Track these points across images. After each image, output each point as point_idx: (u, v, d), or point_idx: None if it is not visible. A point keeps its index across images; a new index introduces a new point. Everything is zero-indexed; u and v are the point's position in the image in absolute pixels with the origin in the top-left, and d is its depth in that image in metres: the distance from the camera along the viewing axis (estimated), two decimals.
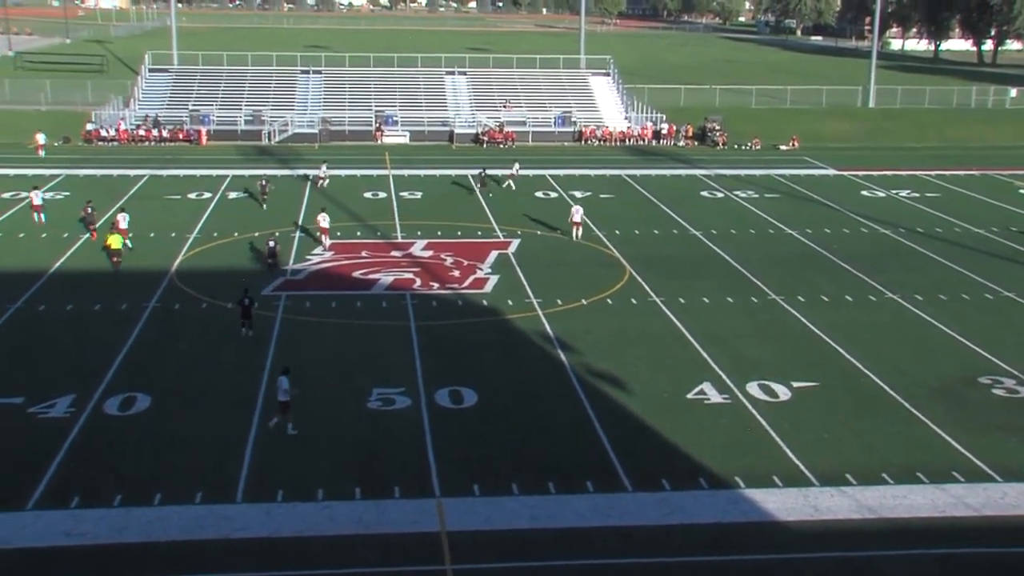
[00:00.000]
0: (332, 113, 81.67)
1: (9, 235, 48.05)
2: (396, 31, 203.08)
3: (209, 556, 21.89)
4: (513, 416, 29.27)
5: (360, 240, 48.68)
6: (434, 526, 23.29)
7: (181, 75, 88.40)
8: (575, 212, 50.60)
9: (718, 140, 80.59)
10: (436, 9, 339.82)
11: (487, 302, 39.84)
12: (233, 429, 28.01)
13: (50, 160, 67.17)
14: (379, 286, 41.37)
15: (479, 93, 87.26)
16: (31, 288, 39.95)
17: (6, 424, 28.05)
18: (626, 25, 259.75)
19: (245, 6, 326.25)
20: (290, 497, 24.37)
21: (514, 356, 34.16)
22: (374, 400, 30.07)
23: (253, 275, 42.19)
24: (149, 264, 43.52)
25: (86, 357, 33.01)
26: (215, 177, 63.03)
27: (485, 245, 48.33)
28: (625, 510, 24.20)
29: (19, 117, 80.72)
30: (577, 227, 49.97)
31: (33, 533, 22.58)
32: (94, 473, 25.44)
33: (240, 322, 35.63)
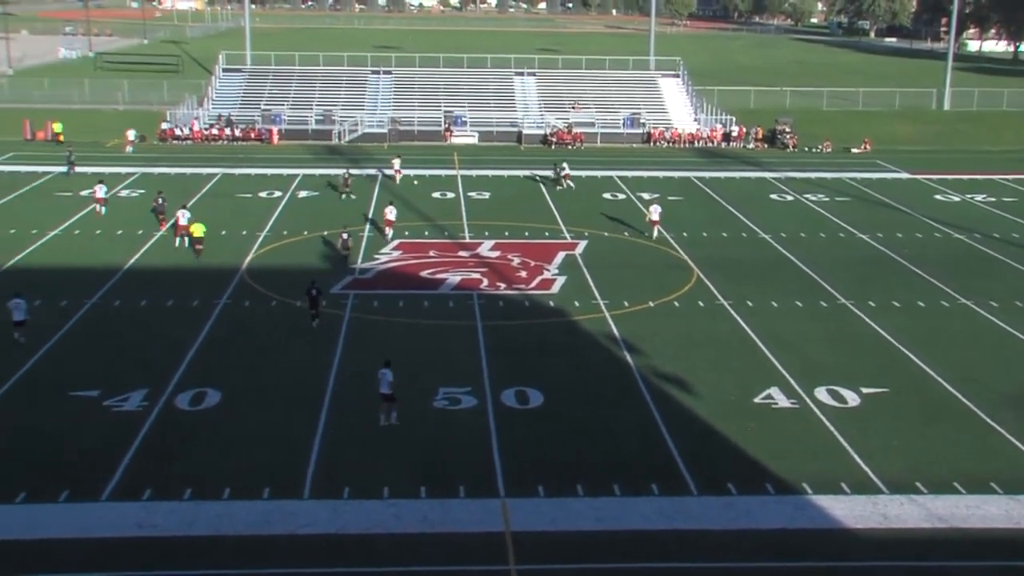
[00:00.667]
0: (401, 113, 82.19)
1: (86, 232, 49.00)
2: (466, 32, 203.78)
3: (276, 551, 22.15)
4: (579, 417, 29.24)
5: (428, 240, 48.94)
6: (499, 526, 23.35)
7: (254, 75, 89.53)
8: (653, 210, 50.72)
9: (788, 142, 79.77)
10: (506, 10, 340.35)
11: (554, 303, 39.84)
12: (301, 426, 28.32)
13: (126, 158, 68.38)
14: (446, 286, 41.56)
15: (548, 94, 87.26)
16: (107, 284, 40.71)
17: (83, 417, 28.63)
18: (696, 26, 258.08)
19: (317, 7, 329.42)
20: (356, 494, 24.57)
21: (580, 357, 34.13)
22: (440, 399, 30.22)
23: (322, 273, 42.56)
24: (220, 261, 44.14)
25: (159, 352, 33.57)
26: (286, 176, 63.74)
27: (552, 246, 48.33)
28: (691, 514, 24.07)
29: (98, 116, 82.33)
30: (655, 225, 50.11)
31: (107, 524, 23.02)
32: (165, 467, 25.87)
33: (309, 313, 36.36)
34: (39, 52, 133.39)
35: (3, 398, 29.79)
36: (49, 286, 39.78)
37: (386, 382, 28.57)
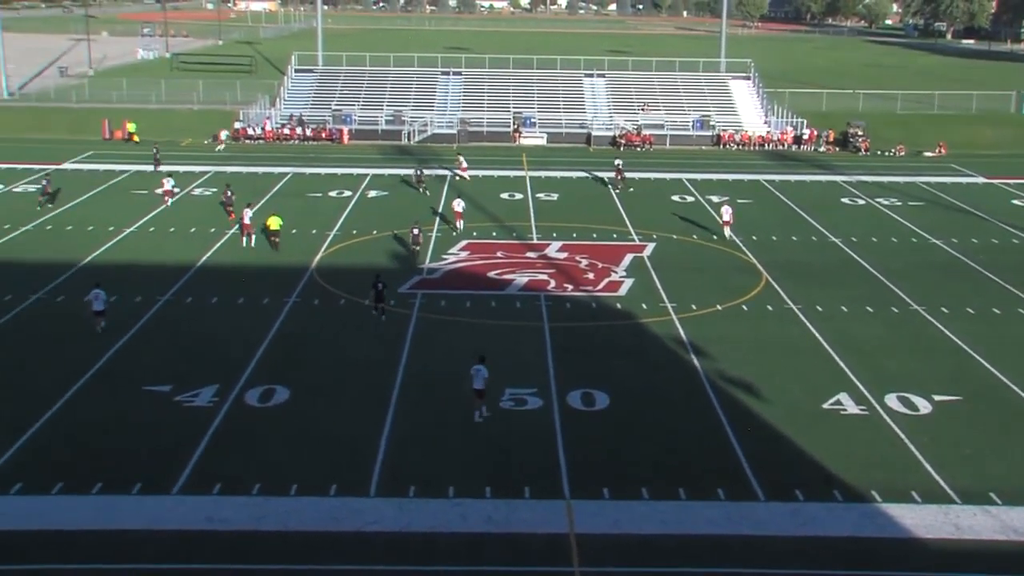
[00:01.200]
0: (471, 114, 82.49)
1: (160, 229, 49.82)
2: (536, 33, 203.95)
3: (343, 548, 22.35)
4: (645, 420, 29.14)
5: (496, 240, 49.06)
6: (563, 527, 23.34)
7: (325, 75, 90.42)
8: (725, 211, 50.63)
9: (860, 146, 78.71)
10: (576, 12, 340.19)
11: (621, 305, 39.73)
12: (367, 424, 28.54)
13: (199, 157, 69.43)
14: (514, 287, 41.63)
15: (617, 95, 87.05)
16: (179, 281, 41.38)
17: (155, 411, 29.12)
18: (768, 28, 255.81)
19: (388, 8, 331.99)
20: (422, 493, 24.71)
21: (647, 360, 34.00)
22: (506, 400, 30.27)
23: (390, 273, 42.86)
24: (290, 260, 44.63)
25: (229, 349, 34.03)
26: (356, 176, 64.28)
27: (620, 248, 48.19)
28: (757, 519, 23.86)
29: (173, 116, 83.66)
30: (727, 226, 50.14)
31: (178, 517, 23.40)
32: (234, 462, 26.22)
33: (373, 306, 37.04)
34: (118, 53, 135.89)
35: (79, 392, 30.40)
36: (124, 282, 40.51)
37: (481, 378, 29.06)
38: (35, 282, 40.40)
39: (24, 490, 24.45)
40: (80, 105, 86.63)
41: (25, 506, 23.76)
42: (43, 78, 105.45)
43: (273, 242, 46.64)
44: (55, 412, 28.89)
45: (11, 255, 44.94)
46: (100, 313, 35.54)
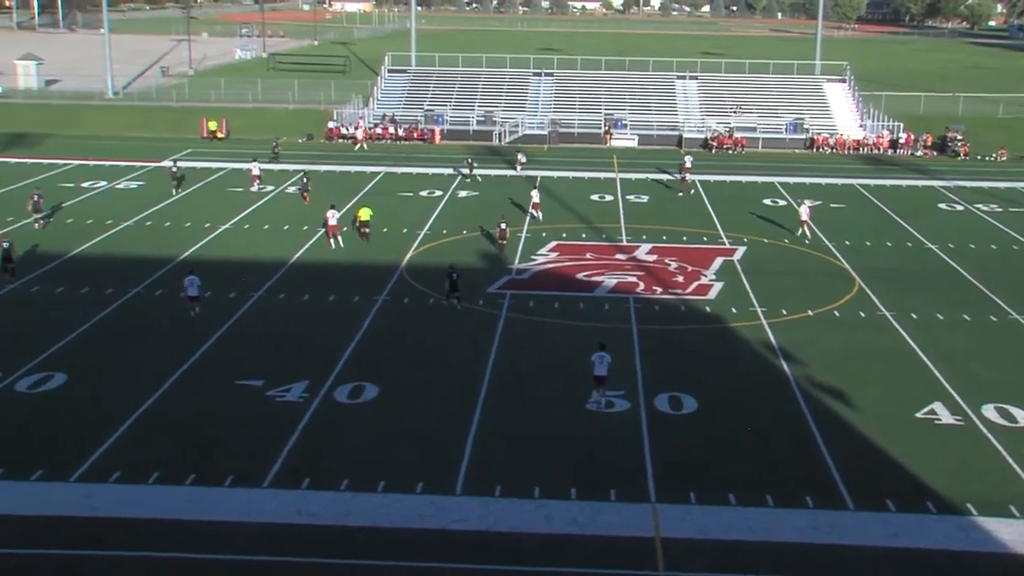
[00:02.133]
0: (562, 115, 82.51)
1: (255, 227, 50.71)
2: (628, 35, 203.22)
3: (429, 545, 22.50)
4: (733, 425, 28.88)
5: (585, 242, 49.03)
6: (648, 531, 23.24)
7: (418, 76, 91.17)
8: (804, 209, 50.27)
9: (959, 150, 77.03)
10: (669, 13, 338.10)
11: (710, 309, 39.43)
12: (455, 422, 28.72)
13: (293, 156, 70.45)
14: (602, 288, 41.56)
15: (709, 98, 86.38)
16: (273, 277, 42.08)
17: (247, 405, 29.66)
18: (865, 30, 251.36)
19: (481, 9, 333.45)
20: (507, 493, 24.78)
21: (736, 365, 33.70)
22: (592, 402, 30.19)
23: (480, 272, 43.16)
24: (381, 258, 45.10)
25: (320, 346, 34.51)
26: (447, 176, 64.71)
27: (710, 251, 47.83)
28: (846, 529, 23.49)
29: (268, 115, 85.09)
30: (804, 224, 49.85)
31: (268, 510, 23.79)
32: (323, 457, 26.58)
33: (447, 296, 38.15)
34: (217, 53, 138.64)
35: (175, 384, 31.09)
36: (218, 278, 41.33)
37: (605, 364, 29.68)
38: (134, 276, 41.41)
39: (121, 479, 25.07)
40: (180, 104, 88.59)
41: (122, 494, 24.36)
42: (145, 78, 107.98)
43: (363, 233, 47.75)
44: (151, 404, 29.58)
45: (113, 250, 46.12)
46: (194, 299, 36.97)
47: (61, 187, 59.23)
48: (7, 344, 33.92)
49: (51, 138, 76.41)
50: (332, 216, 47.32)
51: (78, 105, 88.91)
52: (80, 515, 23.38)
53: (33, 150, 71.51)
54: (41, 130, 78.64)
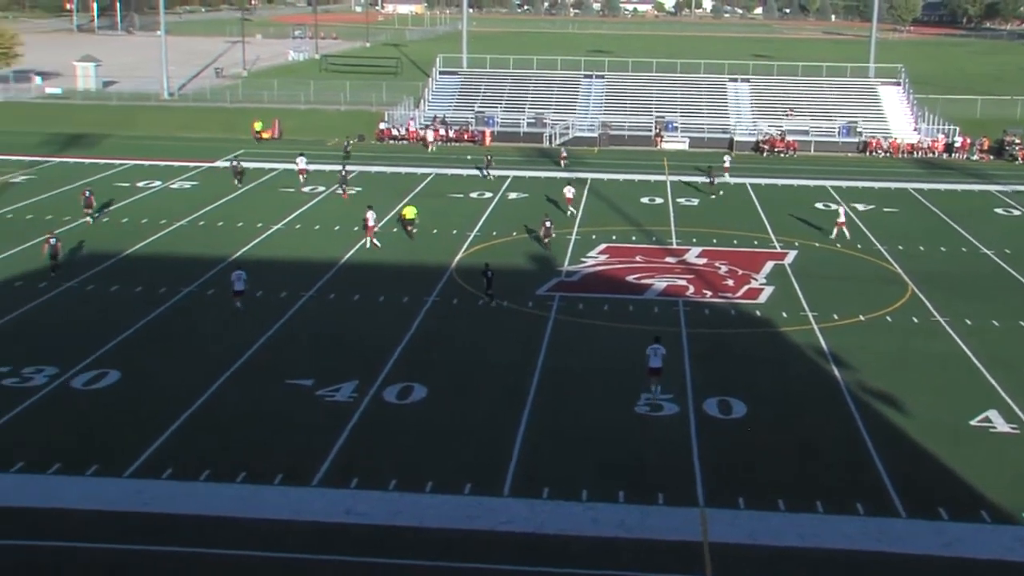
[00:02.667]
0: (613, 117, 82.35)
1: (306, 227, 51.09)
2: (680, 37, 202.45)
3: (476, 546, 22.55)
4: (783, 430, 28.67)
5: (635, 245, 48.90)
6: (696, 536, 23.13)
7: (469, 77, 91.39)
8: (841, 211, 50.88)
9: (1017, 154, 75.86)
10: (721, 15, 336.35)
11: (760, 313, 39.17)
12: (503, 424, 28.76)
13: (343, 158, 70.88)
14: (652, 291, 41.43)
15: (761, 101, 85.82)
16: (323, 277, 42.37)
17: (297, 404, 29.89)
18: (920, 32, 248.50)
19: (533, 11, 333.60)
20: (555, 495, 24.77)
21: (786, 369, 33.45)
22: (642, 405, 30.14)
23: (529, 274, 43.19)
24: (431, 259, 45.26)
25: (370, 346, 34.69)
26: (497, 177, 64.79)
27: (761, 255, 47.52)
28: (898, 537, 23.22)
29: (320, 116, 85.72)
30: (840, 227, 49.99)
31: (317, 509, 23.96)
32: (372, 457, 26.72)
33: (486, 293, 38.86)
34: (270, 55, 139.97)
35: (226, 383, 31.40)
36: (270, 278, 41.71)
37: (659, 356, 30.23)
38: (187, 276, 41.87)
39: (173, 475, 25.37)
40: (234, 105, 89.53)
41: (173, 491, 24.65)
42: (200, 79, 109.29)
43: (409, 231, 48.52)
44: (203, 402, 29.91)
45: (166, 249, 46.67)
46: (239, 293, 37.98)
47: (117, 187, 60.04)
48: (64, 341, 34.44)
49: (108, 138, 77.50)
50: (371, 217, 47.78)
51: (134, 106, 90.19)
52: (133, 510, 23.70)
53: (91, 150, 72.56)
54: (98, 130, 79.79)
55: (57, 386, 30.82)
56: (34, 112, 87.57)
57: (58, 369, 31.95)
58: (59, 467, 25.67)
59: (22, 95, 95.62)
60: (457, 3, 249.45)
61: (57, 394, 30.32)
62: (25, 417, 28.70)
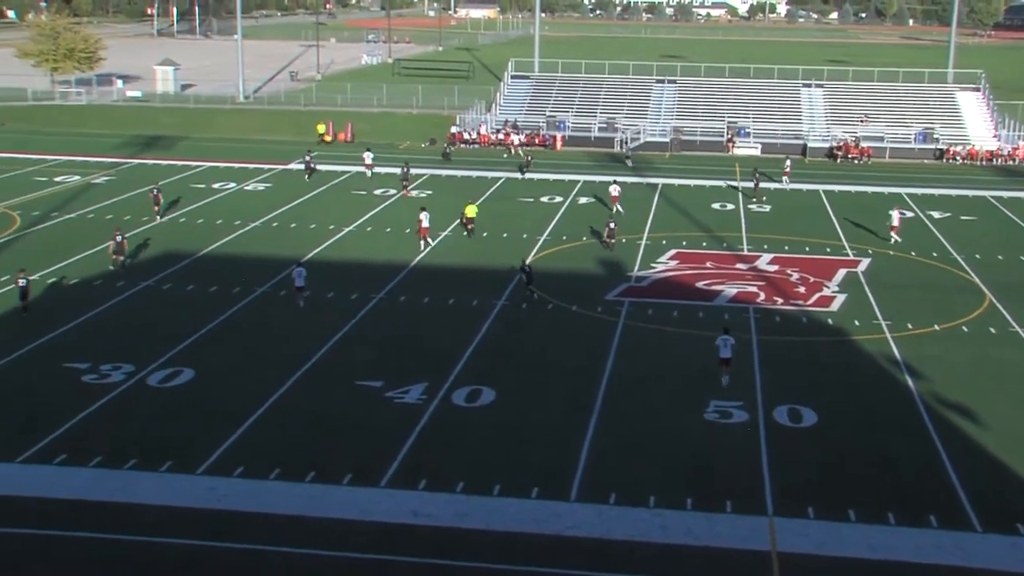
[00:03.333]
0: (684, 123, 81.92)
1: (377, 229, 51.52)
2: (753, 42, 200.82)
3: (542, 551, 22.54)
4: (854, 440, 28.30)
5: (705, 251, 48.60)
6: (764, 545, 22.92)
7: (540, 82, 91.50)
8: (895, 215, 50.61)
9: None
10: (795, 20, 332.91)
11: (832, 321, 38.71)
12: (571, 428, 28.74)
13: (416, 160, 71.32)
14: (722, 298, 41.14)
15: (836, 107, 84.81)
16: (394, 279, 42.68)
17: (366, 405, 30.15)
18: (1003, 37, 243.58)
19: (605, 16, 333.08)
20: (622, 501, 24.70)
21: (858, 378, 33.02)
22: (711, 412, 29.95)
23: (596, 279, 43.15)
24: (500, 263, 45.36)
25: (439, 348, 34.87)
26: (567, 182, 64.81)
27: (833, 262, 46.96)
28: (973, 551, 22.79)
29: (392, 119, 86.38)
30: (894, 231, 49.88)
31: (385, 509, 24.13)
32: (440, 459, 26.85)
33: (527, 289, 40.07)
34: (344, 59, 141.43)
35: (297, 383, 31.76)
36: (341, 279, 42.16)
37: (729, 346, 31.67)
38: (261, 276, 42.44)
39: (244, 473, 25.73)
40: (307, 108, 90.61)
41: (244, 489, 24.99)
42: (275, 82, 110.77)
43: (469, 230, 49.73)
44: (274, 401, 30.29)
45: (240, 249, 47.36)
46: (300, 289, 38.87)
47: (193, 188, 61.07)
48: (140, 339, 35.09)
49: (185, 140, 78.87)
50: (424, 218, 48.32)
51: (211, 109, 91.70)
52: (205, 507, 24.08)
53: (169, 152, 73.88)
54: (176, 133, 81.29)
55: (134, 383, 31.42)
56: (115, 115, 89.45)
57: (135, 367, 32.56)
58: (135, 463, 26.17)
59: (104, 98, 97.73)
60: (530, 7, 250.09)
61: (133, 391, 30.92)
62: (103, 413, 29.31)
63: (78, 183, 53.75)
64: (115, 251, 43.03)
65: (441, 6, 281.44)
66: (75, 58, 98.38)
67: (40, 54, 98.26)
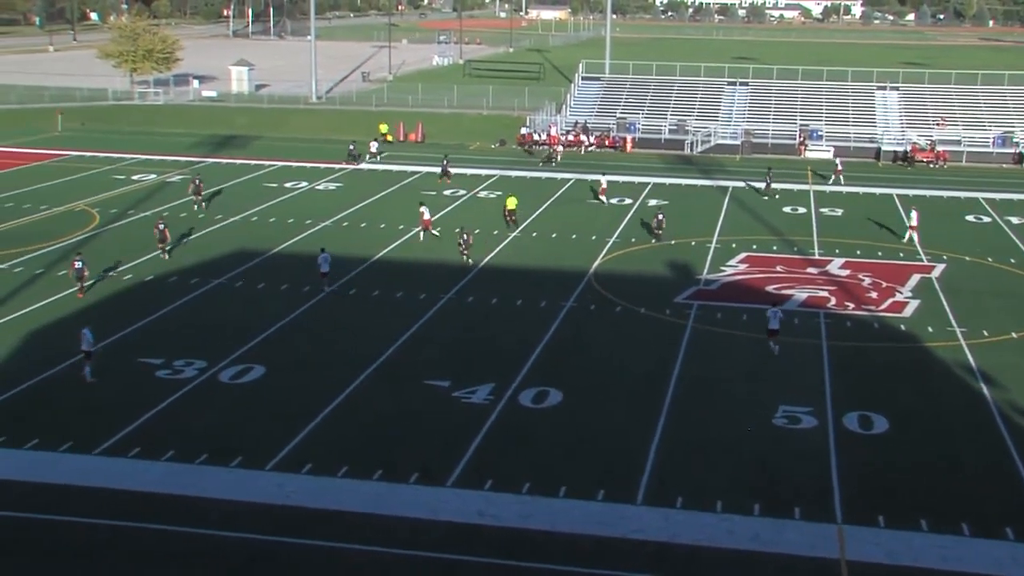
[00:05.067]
0: (755, 125, 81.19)
1: (447, 230, 51.63)
2: (827, 44, 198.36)
3: (607, 553, 22.50)
4: (926, 448, 27.85)
5: (776, 255, 48.12)
6: (833, 553, 22.64)
7: (611, 83, 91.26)
8: (913, 215, 50.66)
9: None
10: (870, 22, 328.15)
11: (905, 327, 38.12)
12: (638, 432, 28.62)
13: (487, 161, 71.62)
14: (792, 302, 40.70)
15: (911, 109, 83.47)
16: (462, 280, 42.82)
17: (434, 405, 30.29)
18: None
19: (677, 17, 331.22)
20: (688, 504, 24.56)
21: (931, 386, 32.48)
22: (779, 417, 29.66)
23: (668, 282, 42.92)
24: (569, 264, 45.33)
25: (507, 349, 34.93)
26: (637, 184, 64.55)
27: (906, 268, 46.24)
28: None
29: (463, 120, 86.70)
30: (913, 231, 49.91)
31: (451, 509, 24.24)
32: (506, 460, 26.91)
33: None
34: (415, 59, 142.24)
35: (365, 382, 32.02)
36: (410, 279, 42.42)
37: (777, 318, 34.33)
38: (331, 275, 42.73)
39: (313, 470, 25.99)
40: (379, 108, 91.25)
41: (313, 485, 25.26)
42: (347, 83, 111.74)
43: (510, 221, 51.91)
44: (343, 399, 30.56)
45: (311, 248, 47.68)
46: (325, 275, 40.71)
47: (266, 187, 61.82)
48: (212, 336, 35.62)
49: (259, 140, 79.91)
50: (425, 212, 50.50)
51: (284, 109, 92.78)
52: (274, 503, 24.37)
53: (242, 151, 74.89)
54: (250, 132, 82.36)
55: (205, 379, 31.90)
56: (191, 114, 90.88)
57: (207, 363, 33.06)
58: (206, 457, 26.57)
59: (180, 98, 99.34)
60: (601, 9, 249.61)
61: (205, 387, 31.39)
62: (175, 408, 29.80)
63: (154, 182, 55.10)
64: (159, 239, 45.17)
65: (512, 7, 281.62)
66: (153, 59, 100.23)
67: (120, 55, 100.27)
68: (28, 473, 25.69)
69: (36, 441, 27.33)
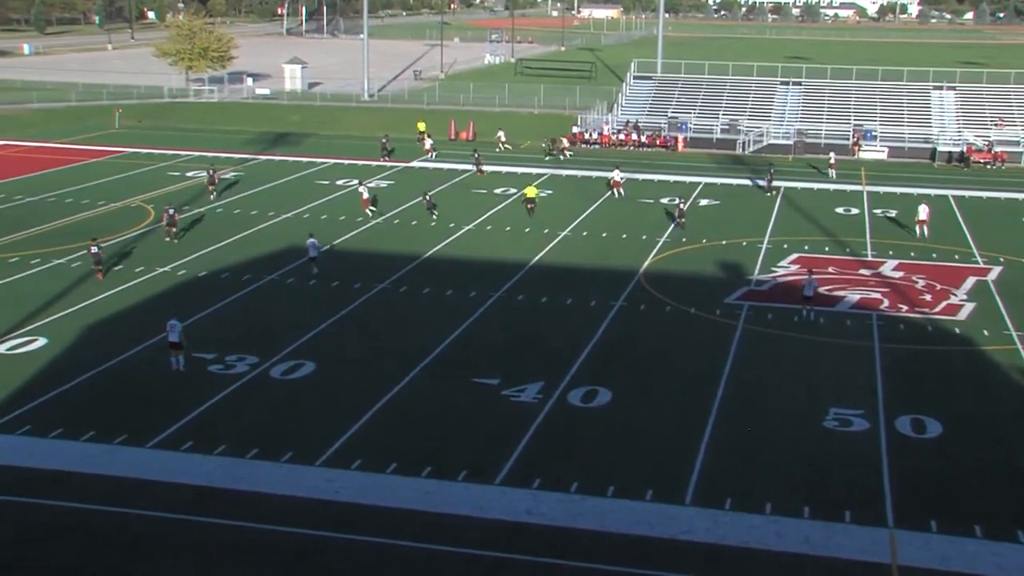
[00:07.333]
0: (808, 125, 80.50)
1: (497, 228, 51.82)
2: (882, 43, 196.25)
3: (655, 554, 22.43)
4: (981, 453, 27.48)
5: (828, 256, 47.69)
6: (884, 558, 22.42)
7: (663, 82, 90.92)
8: (922, 209, 50.89)
9: None
10: (927, 21, 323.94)
11: (960, 330, 37.64)
12: (687, 432, 28.52)
13: (538, 160, 71.60)
14: (844, 304, 40.34)
15: (968, 110, 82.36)
16: (513, 278, 42.88)
17: (483, 402, 30.37)
18: None
19: (730, 16, 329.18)
20: (737, 506, 24.43)
21: (986, 390, 32.03)
22: (830, 420, 29.41)
23: (719, 282, 42.72)
24: (619, 264, 45.24)
25: (556, 348, 34.93)
26: (688, 184, 64.26)
27: (962, 270, 45.64)
28: None
29: (514, 119, 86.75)
30: (922, 225, 50.41)
31: (499, 507, 24.29)
32: (555, 458, 26.90)
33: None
34: (467, 58, 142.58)
35: (414, 379, 32.16)
36: (461, 277, 42.54)
37: (812, 287, 37.44)
38: (381, 272, 43.07)
39: (362, 467, 26.16)
40: (430, 106, 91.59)
41: (362, 481, 25.42)
42: (399, 81, 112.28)
43: (529, 209, 53.66)
44: (392, 396, 30.73)
45: (362, 246, 48.16)
46: (313, 260, 42.86)
47: (318, 184, 62.26)
48: (263, 332, 35.96)
49: (311, 137, 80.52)
50: (364, 191, 54.48)
51: (337, 107, 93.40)
52: (323, 498, 24.56)
53: (295, 148, 75.52)
54: (302, 130, 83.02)
55: (257, 374, 32.21)
56: (245, 112, 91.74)
57: (258, 358, 33.38)
58: (256, 452, 26.84)
59: (235, 95, 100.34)
60: (653, 8, 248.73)
61: (257, 382, 31.69)
62: (227, 403, 30.12)
63: (208, 178, 56.33)
64: (168, 223, 47.48)
65: (565, 6, 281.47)
66: (208, 57, 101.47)
67: (176, 53, 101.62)
68: (84, 465, 26.09)
69: (92, 433, 27.75)
